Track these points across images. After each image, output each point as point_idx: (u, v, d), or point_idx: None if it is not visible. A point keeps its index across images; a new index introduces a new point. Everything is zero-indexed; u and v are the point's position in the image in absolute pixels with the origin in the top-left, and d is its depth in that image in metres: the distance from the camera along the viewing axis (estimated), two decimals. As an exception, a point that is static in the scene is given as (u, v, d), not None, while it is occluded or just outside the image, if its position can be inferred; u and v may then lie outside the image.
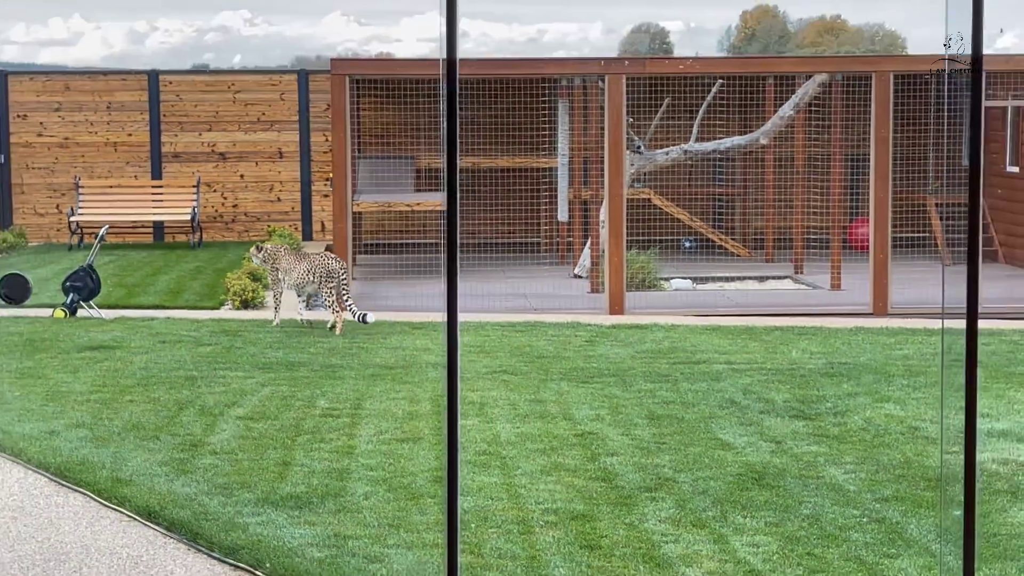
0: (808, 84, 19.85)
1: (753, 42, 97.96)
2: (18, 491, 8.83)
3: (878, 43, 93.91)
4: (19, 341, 14.33)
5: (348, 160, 17.99)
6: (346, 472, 9.21)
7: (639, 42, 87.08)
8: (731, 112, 22.13)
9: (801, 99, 19.97)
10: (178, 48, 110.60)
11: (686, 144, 20.77)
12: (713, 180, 23.94)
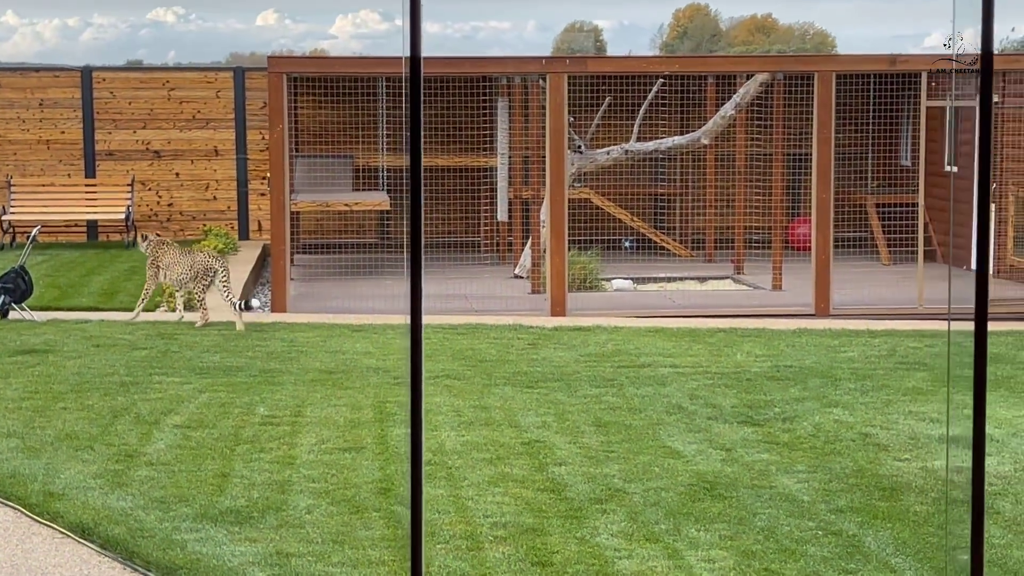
0: (749, 83, 19.66)
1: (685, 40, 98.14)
2: (-55, 506, 8.45)
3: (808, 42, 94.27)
4: (-52, 345, 13.89)
5: (286, 159, 17.62)
6: (287, 484, 8.88)
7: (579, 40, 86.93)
8: (672, 111, 21.92)
9: (742, 98, 19.77)
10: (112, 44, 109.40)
11: (627, 144, 20.53)
12: (653, 180, 23.72)
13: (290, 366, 13.03)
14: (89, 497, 8.48)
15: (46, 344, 13.99)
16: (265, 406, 11.20)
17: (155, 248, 15.81)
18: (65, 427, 10.36)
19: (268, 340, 14.47)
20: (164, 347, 13.93)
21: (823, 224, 17.65)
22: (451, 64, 19.35)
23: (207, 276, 15.60)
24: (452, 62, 19.43)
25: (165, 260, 15.71)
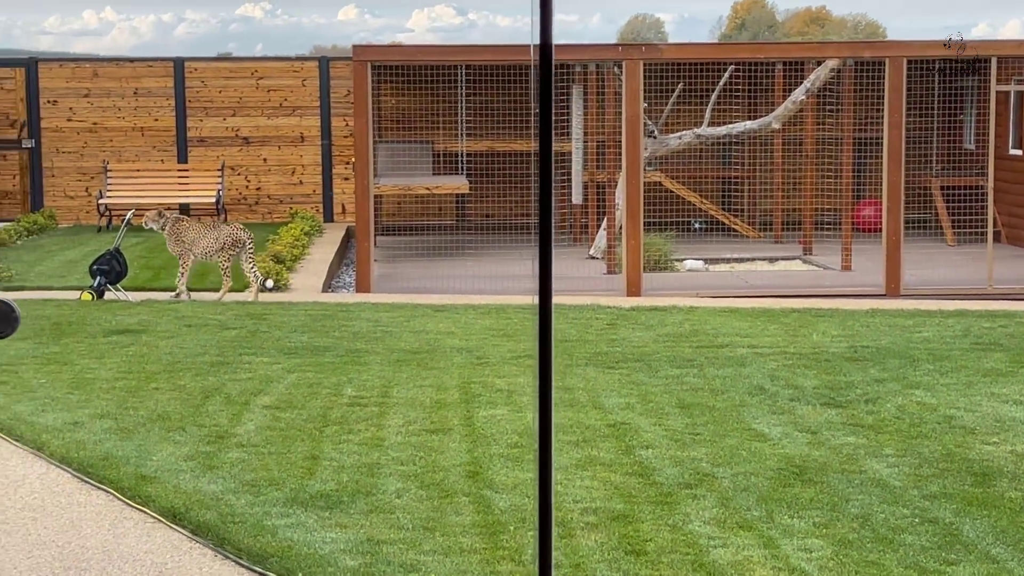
0: (820, 69, 18.95)
1: (743, 31, 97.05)
2: (39, 488, 8.00)
3: (860, 32, 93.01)
4: (46, 325, 13.49)
5: (370, 144, 17.12)
6: (376, 467, 8.38)
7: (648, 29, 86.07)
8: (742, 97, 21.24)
9: (813, 84, 19.07)
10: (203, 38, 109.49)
11: (699, 128, 19.88)
12: (723, 163, 23.06)
13: (376, 346, 12.54)
14: (180, 480, 8.01)
15: (140, 324, 13.57)
16: (352, 386, 10.71)
17: (174, 225, 15.42)
18: (157, 408, 9.91)
19: (353, 320, 13.98)
20: (253, 327, 13.47)
21: (894, 206, 16.95)
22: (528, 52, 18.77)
23: (235, 247, 15.29)
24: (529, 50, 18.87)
25: (188, 236, 15.35)
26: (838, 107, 18.80)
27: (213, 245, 15.31)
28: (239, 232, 15.43)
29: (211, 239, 15.32)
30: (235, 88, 23.97)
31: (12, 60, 24.79)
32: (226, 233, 15.36)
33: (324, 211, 23.98)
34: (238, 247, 15.33)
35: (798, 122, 20.44)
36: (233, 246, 15.31)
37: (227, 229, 15.45)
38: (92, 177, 23.80)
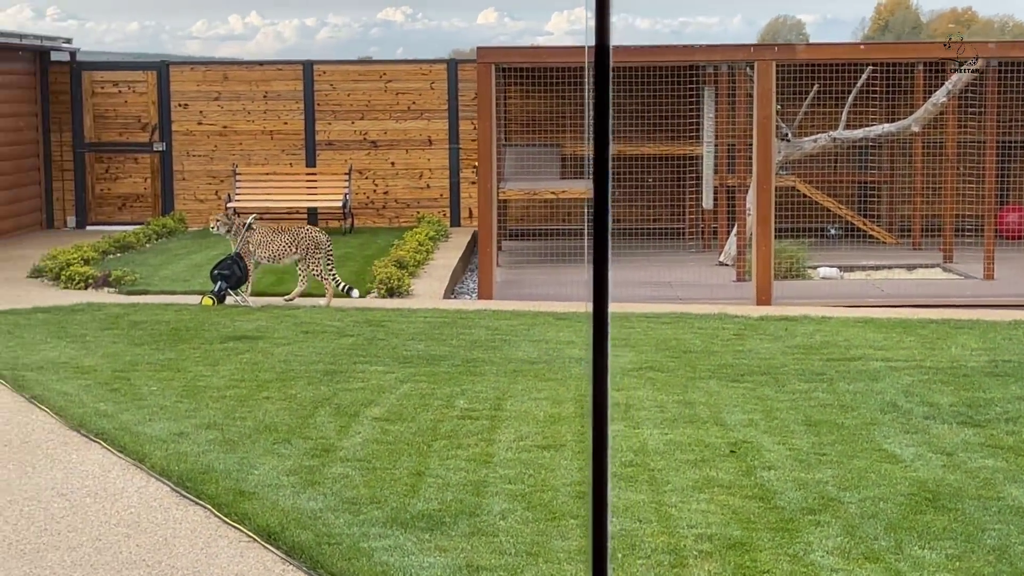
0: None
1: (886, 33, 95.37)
2: (136, 503, 7.78)
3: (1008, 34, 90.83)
4: (165, 330, 13.38)
5: (493, 148, 16.81)
6: (483, 485, 8.03)
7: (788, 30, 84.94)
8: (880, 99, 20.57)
9: (955, 85, 18.36)
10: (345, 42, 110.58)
11: (834, 131, 19.26)
12: (860, 167, 22.37)
13: (493, 355, 12.20)
14: (280, 497, 7.73)
15: (257, 330, 13.40)
16: (465, 398, 10.39)
17: (240, 228, 15.20)
18: (265, 418, 9.68)
19: (472, 328, 13.66)
20: (371, 334, 13.23)
21: (1038, 213, 16.19)
22: (659, 52, 18.33)
23: (318, 250, 15.06)
24: (660, 50, 18.43)
25: (255, 239, 15.12)
26: (981, 110, 18.06)
27: (287, 249, 15.12)
28: (317, 235, 15.25)
29: (283, 243, 15.12)
30: (363, 91, 23.84)
31: (144, 63, 24.94)
32: (303, 236, 15.16)
33: (451, 215, 23.75)
34: (318, 250, 15.12)
35: (938, 125, 19.71)
36: (316, 249, 15.09)
37: (304, 232, 15.25)
38: (222, 180, 23.84)
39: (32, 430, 9.44)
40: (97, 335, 13.08)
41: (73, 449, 8.93)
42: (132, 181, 24.21)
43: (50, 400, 10.17)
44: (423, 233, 20.21)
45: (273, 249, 15.15)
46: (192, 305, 14.97)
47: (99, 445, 8.99)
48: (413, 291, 16.24)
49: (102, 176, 24.21)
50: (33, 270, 17.54)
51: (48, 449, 8.93)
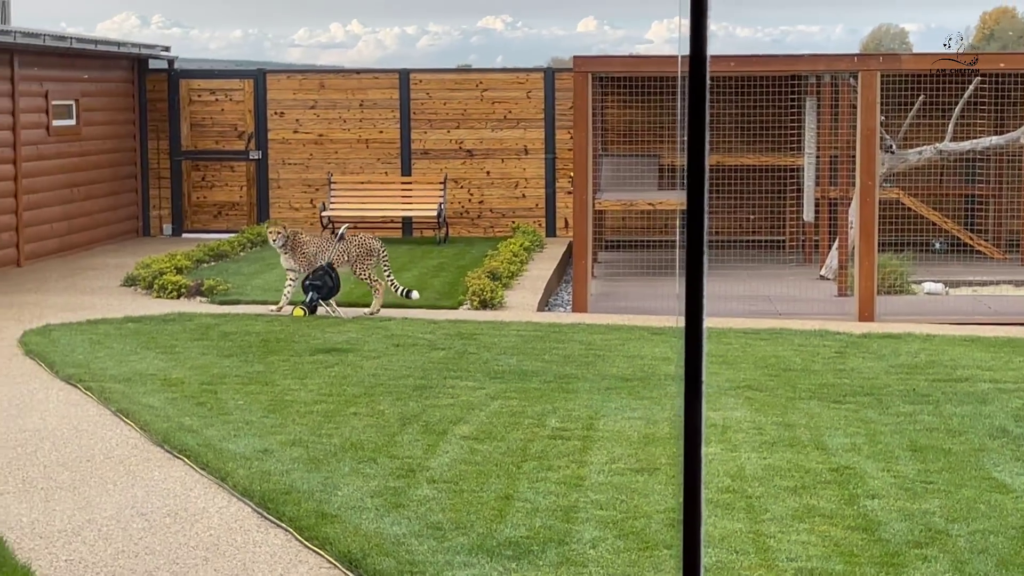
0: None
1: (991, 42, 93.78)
2: (217, 524, 7.58)
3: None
4: (254, 341, 13.25)
5: (589, 158, 16.52)
6: (573, 510, 7.75)
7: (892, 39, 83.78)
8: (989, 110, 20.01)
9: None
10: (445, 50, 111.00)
11: (940, 143, 18.76)
12: (967, 180, 21.79)
13: (586, 371, 11.91)
14: (363, 520, 7.50)
15: (348, 343, 13.21)
16: (556, 416, 10.11)
17: (294, 240, 14.99)
18: (352, 435, 9.46)
19: (566, 343, 13.38)
20: (462, 348, 12.99)
21: None
22: (761, 62, 17.95)
23: (371, 256, 14.94)
24: (762, 60, 18.03)
25: (310, 249, 14.92)
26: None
27: (341, 258, 14.95)
28: (370, 242, 15.12)
29: (336, 252, 14.96)
30: (459, 100, 23.66)
31: (241, 72, 24.95)
32: (353, 244, 14.99)
33: (547, 225, 23.49)
34: (370, 256, 14.95)
35: (1049, 136, 19.11)
36: (368, 255, 14.93)
37: (356, 239, 15.08)
38: (317, 189, 23.77)
39: (115, 445, 9.31)
40: (186, 346, 12.97)
41: (156, 466, 8.77)
42: (228, 189, 24.22)
43: (135, 414, 10.04)
44: (517, 244, 19.97)
45: (327, 259, 14.97)
46: (283, 316, 14.83)
47: (182, 462, 8.83)
48: (506, 303, 16.00)
49: (198, 184, 24.25)
50: (126, 278, 17.53)
51: (130, 465, 8.78)
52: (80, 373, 11.59)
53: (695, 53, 2.49)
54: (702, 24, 2.48)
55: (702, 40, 2.45)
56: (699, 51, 2.46)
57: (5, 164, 19.35)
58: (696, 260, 2.64)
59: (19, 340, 13.34)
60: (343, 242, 15.04)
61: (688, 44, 2.68)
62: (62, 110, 21.29)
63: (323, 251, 15.02)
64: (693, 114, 2.47)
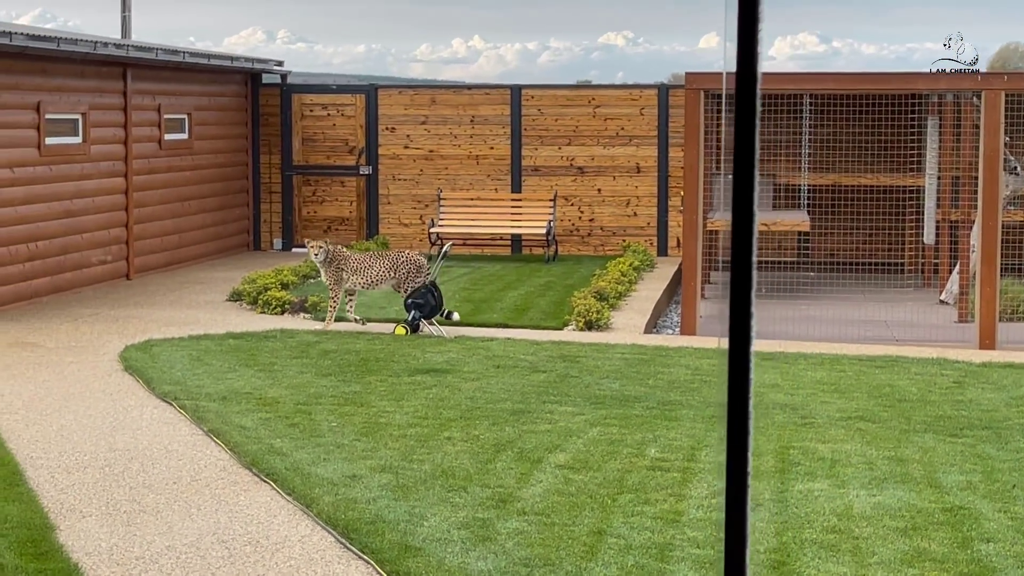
0: None
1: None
2: (298, 554, 7.34)
3: None
4: (353, 360, 13.05)
5: (700, 177, 16.13)
6: (668, 548, 7.39)
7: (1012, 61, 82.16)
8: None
9: None
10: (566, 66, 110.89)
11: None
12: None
13: (690, 398, 11.54)
14: (448, 554, 7.22)
15: (448, 363, 12.96)
16: (657, 446, 9.75)
17: (334, 254, 14.71)
18: (444, 461, 9.19)
19: (671, 367, 13.01)
20: (564, 371, 12.68)
21: None
22: (881, 80, 17.44)
23: (420, 273, 14.74)
24: (882, 78, 17.53)
25: (350, 264, 14.64)
26: None
27: (385, 274, 14.71)
28: (418, 258, 15.00)
29: (381, 268, 14.72)
30: (571, 116, 23.38)
31: (353, 87, 24.90)
32: (401, 260, 14.75)
33: (658, 244, 23.11)
34: (419, 273, 14.71)
35: None
36: (417, 272, 14.69)
37: (403, 256, 14.84)
38: (426, 205, 23.62)
39: (204, 467, 9.13)
40: (285, 364, 12.81)
41: (241, 490, 8.56)
42: (338, 204, 24.16)
43: (226, 435, 9.86)
44: (626, 263, 19.62)
45: (371, 275, 14.79)
46: (385, 334, 14.64)
47: (268, 486, 8.62)
48: (612, 324, 15.66)
49: (309, 199, 24.22)
50: (232, 293, 17.47)
51: (216, 489, 8.58)
52: (176, 391, 11.47)
53: (744, 69, 2.19)
54: (752, 37, 2.19)
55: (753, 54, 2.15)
56: (749, 67, 2.17)
57: (117, 178, 19.42)
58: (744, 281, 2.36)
59: (120, 355, 13.28)
60: (387, 259, 14.85)
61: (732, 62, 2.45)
62: (174, 124, 21.36)
63: (366, 268, 14.79)
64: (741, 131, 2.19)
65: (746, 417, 2.36)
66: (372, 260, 14.91)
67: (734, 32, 2.17)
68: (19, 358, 13.19)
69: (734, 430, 2.35)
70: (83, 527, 7.77)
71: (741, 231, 2.26)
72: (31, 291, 17.08)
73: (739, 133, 2.18)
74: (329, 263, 14.82)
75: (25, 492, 8.41)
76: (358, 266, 14.84)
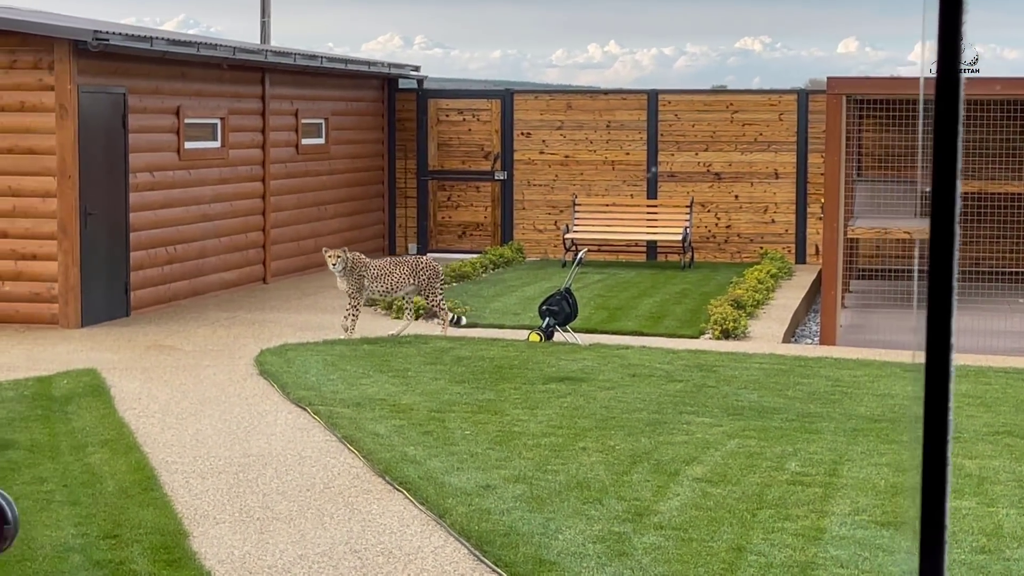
0: None
1: None
2: (431, 566, 7.24)
3: None
4: (488, 367, 12.95)
5: (842, 183, 15.79)
6: (810, 567, 7.16)
7: None
8: None
9: None
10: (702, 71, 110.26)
11: None
12: None
13: (832, 410, 11.25)
14: (583, 569, 7.06)
15: (582, 371, 12.81)
16: (797, 459, 9.50)
17: (354, 262, 14.51)
18: (579, 472, 9.04)
19: (811, 377, 12.72)
20: (700, 380, 12.46)
21: None
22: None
23: (438, 278, 14.65)
24: None
25: (370, 272, 14.46)
26: None
27: (404, 281, 14.54)
28: (436, 264, 14.92)
29: (400, 275, 14.56)
30: (708, 122, 23.09)
31: (489, 92, 24.87)
32: (422, 267, 14.61)
33: (796, 252, 22.72)
34: (437, 279, 14.69)
35: None
36: (435, 278, 14.68)
37: (422, 262, 14.75)
38: (561, 211, 23.49)
39: (336, 474, 9.08)
40: (419, 370, 12.76)
41: (374, 498, 8.49)
42: (473, 209, 24.14)
43: (360, 441, 9.81)
44: (764, 270, 19.31)
45: (391, 282, 14.65)
46: (519, 341, 14.53)
47: (401, 495, 8.54)
48: (750, 333, 15.38)
49: (444, 204, 24.24)
50: (367, 299, 17.48)
51: (349, 497, 8.52)
52: (311, 396, 11.46)
53: (946, 76, 2.02)
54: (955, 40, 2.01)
55: (955, 57, 1.97)
56: (951, 73, 1.99)
57: (254, 182, 19.59)
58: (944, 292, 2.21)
59: (255, 359, 13.34)
60: (407, 266, 14.76)
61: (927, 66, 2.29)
62: (311, 129, 21.50)
63: (386, 275, 14.61)
64: (943, 140, 2.02)
65: (944, 435, 2.20)
66: (392, 267, 14.79)
67: (932, 32, 2.00)
68: (157, 361, 13.30)
69: (931, 450, 2.18)
70: (216, 534, 7.75)
71: (941, 241, 2.10)
72: (170, 294, 17.27)
73: (939, 139, 2.01)
74: (351, 272, 14.64)
75: (159, 497, 8.42)
76: (378, 273, 14.71)
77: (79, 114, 15.28)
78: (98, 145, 15.71)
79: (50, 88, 15.27)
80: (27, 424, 10.34)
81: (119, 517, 7.92)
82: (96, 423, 10.45)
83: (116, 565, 7.09)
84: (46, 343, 14.29)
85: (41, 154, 15.34)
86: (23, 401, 11.18)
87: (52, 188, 15.34)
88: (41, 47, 15.30)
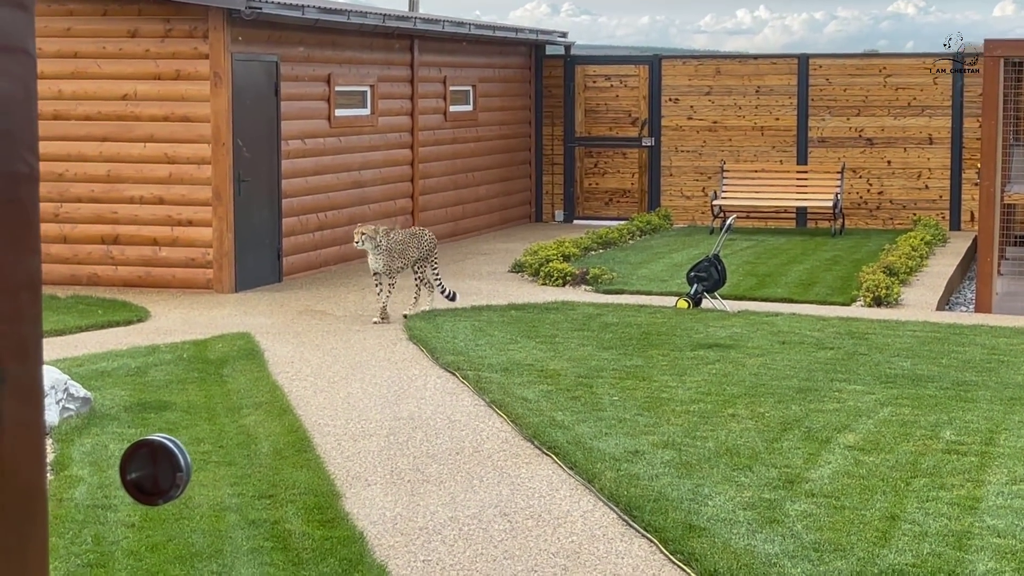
0: None
1: None
2: (580, 530, 7.25)
3: None
4: (635, 334, 12.91)
5: (999, 148, 15.42)
6: (966, 537, 7.03)
7: None
8: None
9: None
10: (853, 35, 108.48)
11: None
12: None
13: (988, 378, 11.02)
14: (733, 535, 7.01)
15: (731, 338, 12.71)
16: (952, 428, 9.32)
17: (386, 235, 13.95)
18: (728, 439, 8.97)
19: (966, 346, 12.47)
20: (852, 348, 12.28)
21: None
22: None
23: (434, 249, 14.23)
24: None
25: (398, 246, 13.96)
26: None
27: (415, 253, 14.15)
28: (432, 236, 14.38)
29: (416, 245, 14.14)
30: (860, 86, 22.70)
31: (637, 57, 24.74)
32: (426, 238, 14.23)
33: (951, 218, 22.27)
34: (434, 251, 14.27)
35: None
36: (434, 249, 14.26)
37: (426, 234, 14.30)
38: (709, 177, 23.30)
39: (486, 438, 9.13)
40: (566, 336, 12.76)
41: (523, 463, 8.53)
42: (620, 176, 24.06)
43: (508, 406, 9.84)
44: (918, 237, 18.96)
45: (409, 256, 14.07)
46: (667, 307, 14.46)
47: (550, 459, 8.56)
48: (903, 301, 15.13)
49: (590, 170, 24.19)
50: (514, 264, 17.54)
51: (498, 461, 8.57)
52: (459, 361, 11.53)
53: None
54: None
55: None
56: None
57: (403, 149, 19.72)
58: None
59: (405, 324, 13.45)
60: (416, 237, 14.12)
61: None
62: (459, 96, 21.58)
63: (404, 249, 13.98)
64: None
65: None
66: (408, 239, 14.13)
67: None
68: (308, 325, 13.49)
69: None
70: (368, 495, 7.84)
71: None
72: (320, 260, 17.49)
73: None
74: (388, 249, 13.89)
75: (313, 459, 8.54)
76: (403, 247, 14.08)
77: (233, 82, 15.51)
78: (251, 113, 15.95)
79: (205, 56, 15.52)
80: (184, 386, 10.55)
81: (274, 478, 8.06)
82: (250, 386, 10.63)
83: (272, 524, 7.21)
84: (201, 307, 14.57)
85: (196, 122, 15.61)
86: (180, 364, 11.41)
87: (207, 155, 15.60)
88: (196, 15, 15.54)
